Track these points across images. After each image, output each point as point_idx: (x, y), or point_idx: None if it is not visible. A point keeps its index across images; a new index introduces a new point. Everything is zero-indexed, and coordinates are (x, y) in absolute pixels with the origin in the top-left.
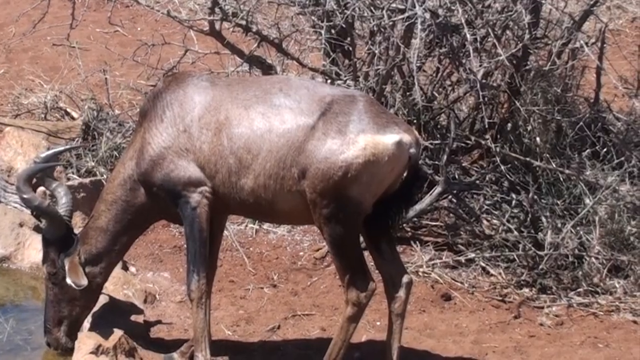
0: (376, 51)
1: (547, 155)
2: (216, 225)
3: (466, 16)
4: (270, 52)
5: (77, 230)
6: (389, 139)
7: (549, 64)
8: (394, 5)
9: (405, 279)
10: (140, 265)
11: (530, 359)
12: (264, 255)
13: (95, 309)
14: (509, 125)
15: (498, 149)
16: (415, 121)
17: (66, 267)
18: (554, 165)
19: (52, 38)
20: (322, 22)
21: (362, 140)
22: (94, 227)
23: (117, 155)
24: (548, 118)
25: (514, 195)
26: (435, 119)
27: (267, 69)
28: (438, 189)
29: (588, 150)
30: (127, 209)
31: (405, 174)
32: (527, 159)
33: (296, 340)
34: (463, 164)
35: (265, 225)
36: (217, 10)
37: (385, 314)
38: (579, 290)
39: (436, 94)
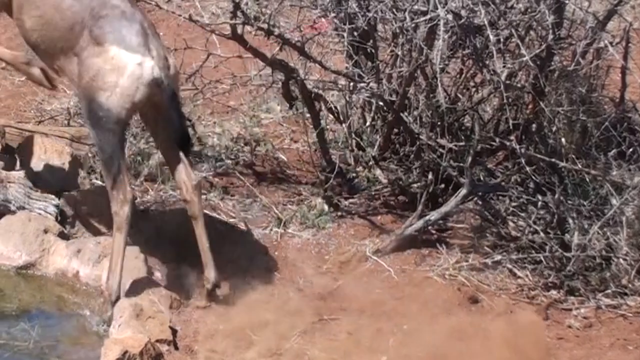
0: (399, 53)
1: (573, 156)
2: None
3: (489, 17)
4: (293, 55)
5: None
6: (135, 58)
7: (574, 64)
8: (416, 7)
9: (194, 181)
10: (165, 270)
11: None
12: (289, 259)
13: (121, 314)
14: (534, 126)
15: (523, 150)
16: (439, 123)
17: None
18: (580, 166)
19: None
20: (344, 24)
21: (113, 51)
22: None
23: (141, 160)
24: (573, 119)
25: (539, 197)
26: (459, 120)
27: (290, 73)
28: (463, 191)
29: (614, 151)
30: None
31: (159, 97)
32: (553, 160)
33: (323, 345)
34: (488, 166)
35: (290, 229)
36: (239, 14)
37: (414, 318)
38: (607, 291)
39: (460, 96)
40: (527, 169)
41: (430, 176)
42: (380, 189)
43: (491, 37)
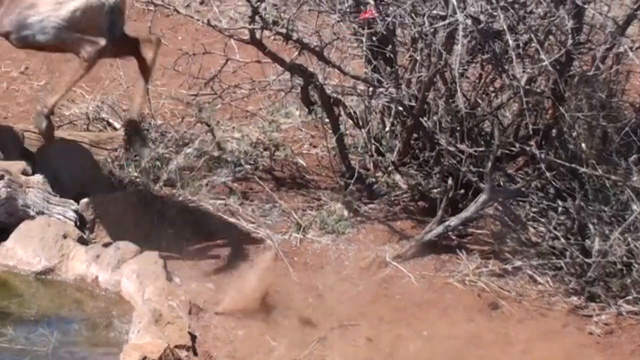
0: (418, 58)
1: (593, 161)
2: None
3: (508, 22)
4: (312, 60)
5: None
6: None
7: (593, 69)
8: (435, 12)
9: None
10: (184, 276)
11: None
12: (309, 264)
13: (140, 320)
14: (554, 131)
15: (543, 156)
16: (459, 128)
17: None
18: (600, 172)
19: None
20: (363, 29)
21: None
22: None
23: (160, 165)
24: (593, 124)
25: (560, 202)
26: (479, 125)
27: (309, 77)
28: (483, 197)
29: (634, 156)
30: None
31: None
32: (573, 165)
33: (342, 351)
34: (508, 171)
35: (310, 235)
36: (257, 18)
37: (434, 324)
38: (628, 298)
39: (479, 101)
40: (548, 174)
41: (450, 181)
42: (400, 195)
43: (510, 42)
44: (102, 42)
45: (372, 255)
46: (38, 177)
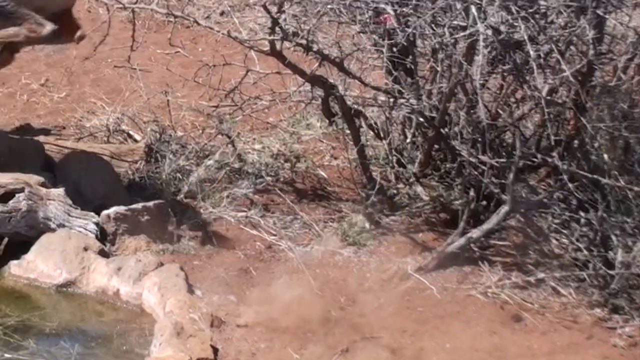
0: (439, 69)
1: (615, 172)
2: None
3: (529, 32)
4: (332, 71)
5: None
6: None
7: (615, 79)
8: (455, 22)
9: None
10: (206, 288)
11: None
12: (331, 277)
13: (162, 333)
14: (576, 142)
15: (565, 167)
16: (480, 139)
17: None
18: (623, 183)
19: (113, 60)
20: (384, 40)
21: None
22: None
23: (181, 177)
24: (615, 135)
25: (582, 214)
26: (501, 136)
27: (329, 89)
28: (505, 208)
29: None
30: None
31: None
32: (595, 176)
33: None
34: (530, 183)
35: (331, 247)
36: (277, 30)
37: (457, 337)
38: None
39: (501, 112)
40: (570, 185)
41: (471, 193)
42: (422, 206)
43: (531, 52)
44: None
45: (394, 268)
46: (59, 190)
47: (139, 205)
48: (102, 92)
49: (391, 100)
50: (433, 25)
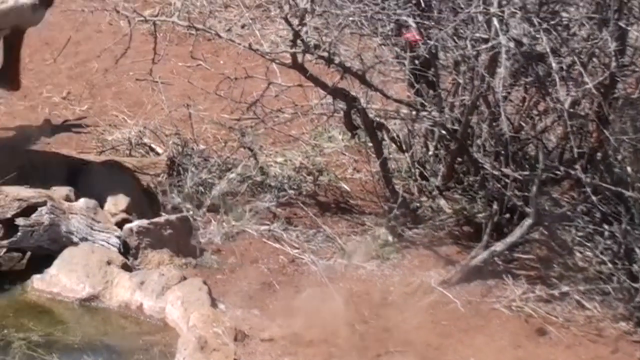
0: (461, 81)
1: (639, 184)
2: None
3: (551, 44)
4: (354, 83)
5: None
6: None
7: (638, 91)
8: (477, 34)
9: None
10: (230, 302)
11: None
12: (354, 291)
13: (186, 347)
14: (599, 154)
15: (588, 180)
16: (503, 152)
17: None
18: None
19: (134, 73)
20: (405, 52)
21: None
22: None
23: (203, 190)
24: (638, 147)
25: (606, 226)
26: (523, 149)
27: (351, 101)
28: (529, 221)
29: None
30: None
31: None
32: (619, 189)
33: None
34: (553, 195)
35: (355, 260)
36: (299, 42)
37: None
38: None
39: (523, 124)
40: (593, 198)
41: (495, 206)
42: (445, 219)
43: (554, 64)
44: None
45: (417, 281)
46: (81, 203)
47: (161, 219)
48: (123, 105)
49: (413, 112)
50: (455, 37)
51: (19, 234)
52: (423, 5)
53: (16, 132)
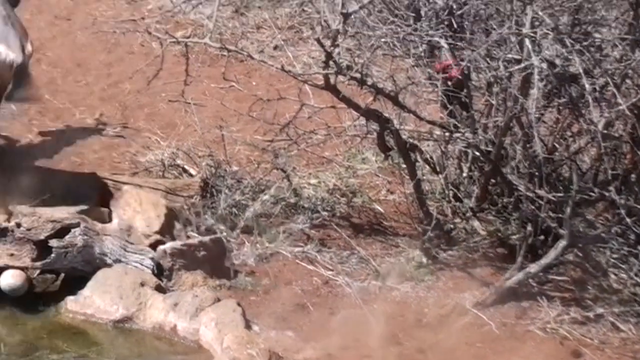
0: (494, 102)
1: None
2: None
3: (584, 65)
4: (387, 105)
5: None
6: None
7: None
8: (510, 55)
9: None
10: (264, 324)
11: None
12: (388, 312)
13: None
14: (633, 176)
15: (623, 201)
16: (537, 173)
17: None
18: None
19: (167, 94)
20: (438, 74)
21: None
22: None
23: (236, 212)
24: None
25: None
26: (557, 170)
27: (384, 123)
28: (563, 243)
29: None
30: None
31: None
32: None
33: None
34: (587, 217)
35: (389, 282)
36: (331, 63)
37: None
38: None
39: (557, 145)
40: (628, 220)
41: (529, 227)
42: (479, 241)
43: (587, 85)
44: None
45: (452, 303)
46: (115, 225)
47: (195, 241)
48: (156, 127)
49: (447, 134)
50: (487, 58)
51: (52, 255)
52: (455, 26)
53: (49, 153)
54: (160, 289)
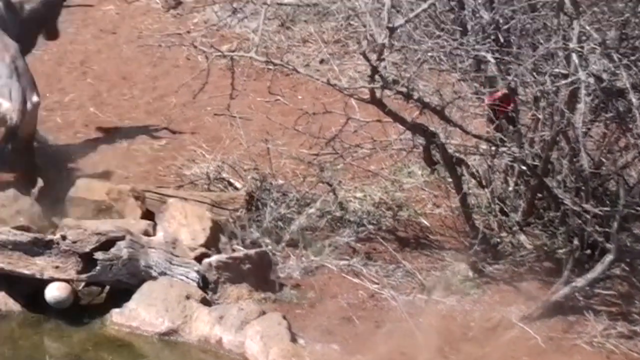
0: (540, 117)
1: None
2: None
3: (631, 80)
4: (433, 119)
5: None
6: None
7: None
8: (556, 70)
9: None
10: (309, 337)
11: None
12: (434, 326)
13: None
14: None
15: None
16: (583, 187)
17: None
18: None
19: (212, 108)
20: (484, 88)
21: None
22: None
23: (282, 225)
24: None
25: None
26: (604, 185)
27: (430, 137)
28: (610, 257)
29: None
30: None
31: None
32: None
33: None
34: (634, 231)
35: (435, 296)
36: (377, 77)
37: None
38: None
39: (604, 160)
40: None
41: (575, 242)
42: (525, 255)
43: (634, 100)
44: None
45: (498, 317)
46: (160, 238)
47: (240, 254)
48: (202, 140)
49: (493, 148)
50: (534, 73)
51: (97, 268)
52: (502, 40)
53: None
54: (205, 302)
